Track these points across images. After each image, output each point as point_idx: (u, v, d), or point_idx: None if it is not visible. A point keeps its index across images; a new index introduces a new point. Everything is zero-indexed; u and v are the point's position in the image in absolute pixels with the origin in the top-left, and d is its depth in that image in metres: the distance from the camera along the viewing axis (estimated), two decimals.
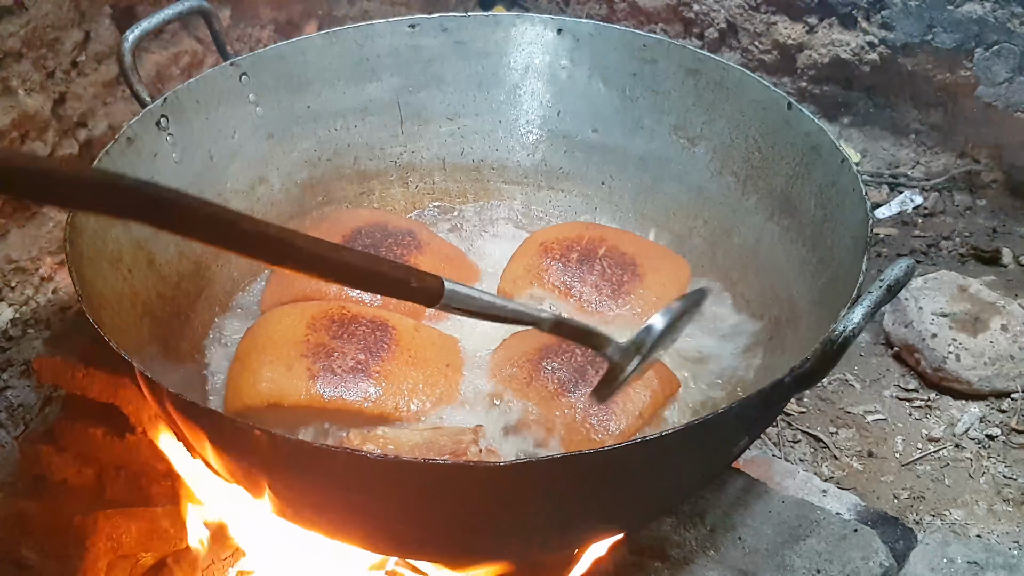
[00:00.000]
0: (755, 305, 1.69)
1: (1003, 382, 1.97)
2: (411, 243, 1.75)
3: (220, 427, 1.24)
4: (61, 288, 2.18)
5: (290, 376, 1.48)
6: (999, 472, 1.84)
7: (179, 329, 1.59)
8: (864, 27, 2.52)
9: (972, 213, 2.53)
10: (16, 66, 1.96)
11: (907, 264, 1.22)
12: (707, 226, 1.82)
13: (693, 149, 1.83)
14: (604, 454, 1.15)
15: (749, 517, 1.49)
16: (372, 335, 1.54)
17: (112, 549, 1.57)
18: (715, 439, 1.27)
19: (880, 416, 1.97)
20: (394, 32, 1.90)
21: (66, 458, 1.75)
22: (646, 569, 1.43)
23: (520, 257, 1.77)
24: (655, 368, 1.56)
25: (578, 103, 1.93)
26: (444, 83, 1.94)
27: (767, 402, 1.25)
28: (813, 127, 1.62)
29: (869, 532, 1.48)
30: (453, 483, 1.17)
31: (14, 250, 2.09)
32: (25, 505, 1.70)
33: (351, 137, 1.93)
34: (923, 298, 2.05)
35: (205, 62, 2.35)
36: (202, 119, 1.71)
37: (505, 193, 1.99)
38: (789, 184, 1.66)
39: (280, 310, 1.63)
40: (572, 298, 1.69)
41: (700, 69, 1.80)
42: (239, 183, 1.79)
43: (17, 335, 2.11)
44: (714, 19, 2.74)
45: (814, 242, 1.58)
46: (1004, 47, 2.36)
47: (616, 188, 1.93)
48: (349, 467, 1.15)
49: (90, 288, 1.36)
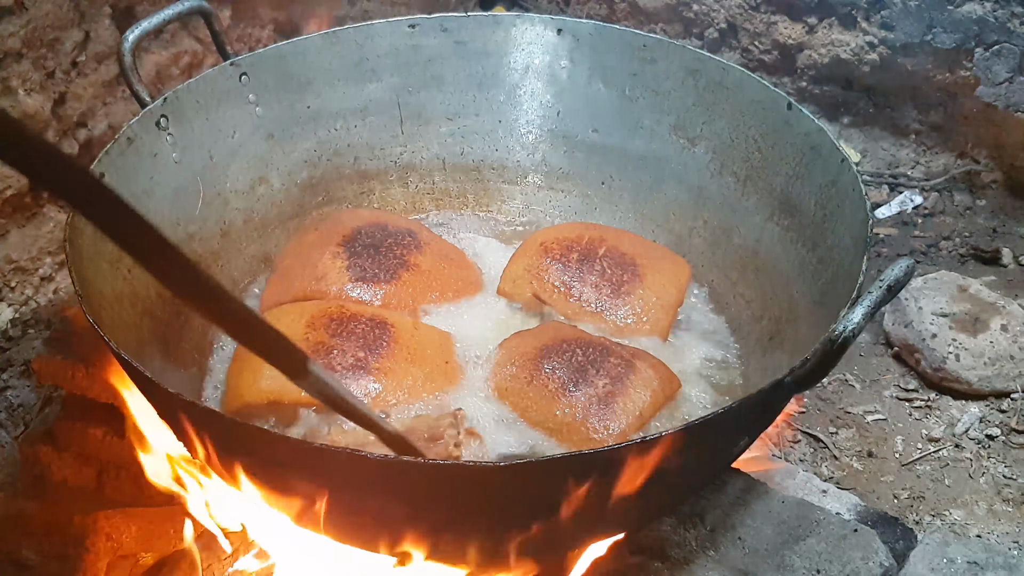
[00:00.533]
0: (755, 305, 1.69)
1: (1003, 382, 1.97)
2: (411, 243, 1.75)
3: (219, 427, 1.24)
4: (61, 288, 2.18)
5: None
6: (999, 472, 1.84)
7: (179, 329, 1.59)
8: (864, 27, 2.52)
9: (972, 213, 2.53)
10: (16, 66, 1.96)
11: (907, 264, 1.22)
12: (707, 226, 1.82)
13: (693, 149, 1.83)
14: (604, 454, 1.15)
15: (749, 517, 1.49)
16: (371, 333, 1.54)
17: (112, 549, 1.57)
18: (715, 439, 1.27)
19: (880, 416, 1.97)
20: (394, 32, 1.90)
21: (66, 458, 1.75)
22: (646, 569, 1.43)
23: (520, 257, 1.77)
24: (655, 368, 1.56)
25: (578, 103, 1.93)
26: (444, 83, 1.94)
27: (767, 402, 1.25)
28: (813, 127, 1.62)
29: (869, 532, 1.48)
30: (453, 483, 1.17)
31: (14, 250, 2.09)
32: (25, 505, 1.70)
33: (351, 137, 1.93)
34: (923, 298, 2.05)
35: (205, 62, 2.35)
36: (202, 119, 1.71)
37: (505, 193, 1.99)
38: (789, 184, 1.66)
39: (280, 309, 1.63)
40: (572, 298, 1.69)
41: (700, 69, 1.80)
42: (239, 183, 1.79)
43: (17, 335, 2.11)
44: (714, 19, 2.74)
45: (814, 242, 1.58)
46: (1004, 47, 2.36)
47: (616, 188, 1.93)
48: (349, 467, 1.15)
49: (90, 288, 1.36)
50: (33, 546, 1.61)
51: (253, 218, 1.81)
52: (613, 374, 1.51)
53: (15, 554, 1.60)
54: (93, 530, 1.57)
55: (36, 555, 1.61)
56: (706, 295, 1.79)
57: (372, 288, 1.68)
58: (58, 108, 2.09)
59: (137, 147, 1.58)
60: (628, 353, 1.56)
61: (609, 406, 1.48)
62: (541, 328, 1.64)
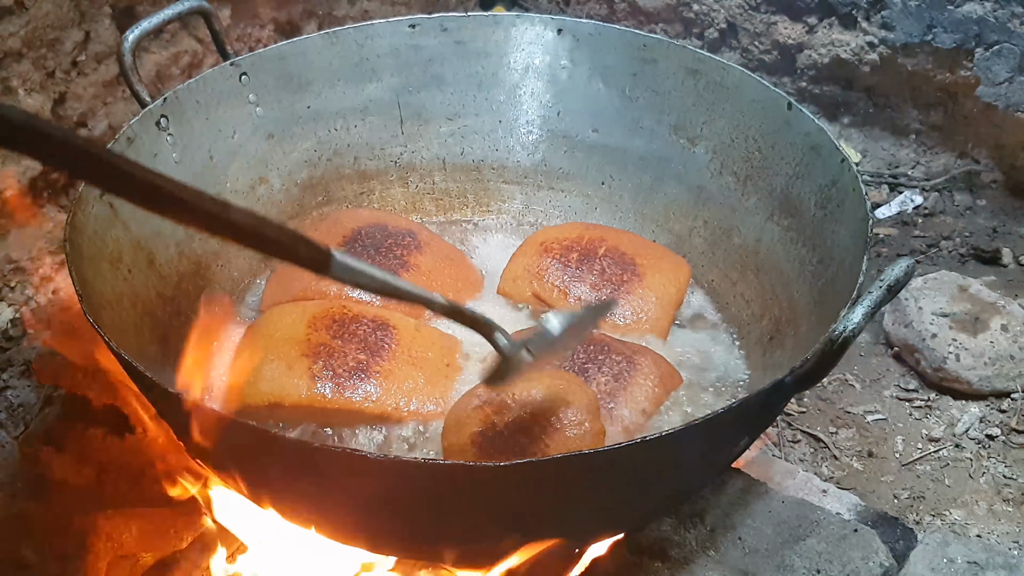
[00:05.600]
0: (755, 305, 1.69)
1: (1003, 382, 1.96)
2: (411, 243, 1.75)
3: (219, 427, 1.24)
4: (61, 288, 2.18)
5: (291, 375, 1.48)
6: (999, 472, 1.84)
7: (179, 329, 1.59)
8: (864, 27, 2.52)
9: (972, 213, 2.53)
10: (16, 66, 1.96)
11: (907, 264, 1.22)
12: (707, 226, 1.82)
13: (693, 149, 1.83)
14: (604, 454, 1.15)
15: (749, 517, 1.49)
16: (373, 335, 1.54)
17: (112, 549, 1.57)
18: (715, 439, 1.27)
19: (880, 416, 1.97)
20: (394, 32, 1.90)
21: (66, 458, 1.75)
22: (646, 569, 1.43)
23: (520, 257, 1.77)
24: (657, 364, 1.56)
25: (578, 103, 1.93)
26: (444, 83, 1.94)
27: (767, 402, 1.25)
28: (813, 127, 1.62)
29: (869, 532, 1.48)
30: (453, 483, 1.17)
31: (14, 250, 2.09)
32: (25, 505, 1.69)
33: (351, 137, 1.93)
34: (923, 298, 2.05)
35: (205, 62, 2.35)
36: (202, 119, 1.71)
37: (505, 193, 1.99)
38: (789, 184, 1.66)
39: (280, 308, 1.63)
40: (572, 298, 1.69)
41: (700, 69, 1.80)
42: (239, 183, 1.79)
43: (17, 335, 2.11)
44: (714, 19, 2.74)
45: (814, 242, 1.58)
46: (1004, 47, 2.36)
47: (616, 188, 1.93)
48: (349, 467, 1.15)
49: (90, 288, 1.36)
50: (33, 546, 1.61)
51: None
52: (615, 371, 1.51)
53: (15, 554, 1.60)
54: (93, 530, 1.57)
55: (36, 555, 1.60)
56: (706, 295, 1.79)
57: None
58: (58, 108, 2.09)
59: (137, 147, 1.58)
60: (629, 350, 1.56)
61: (611, 403, 1.48)
62: None
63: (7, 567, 1.59)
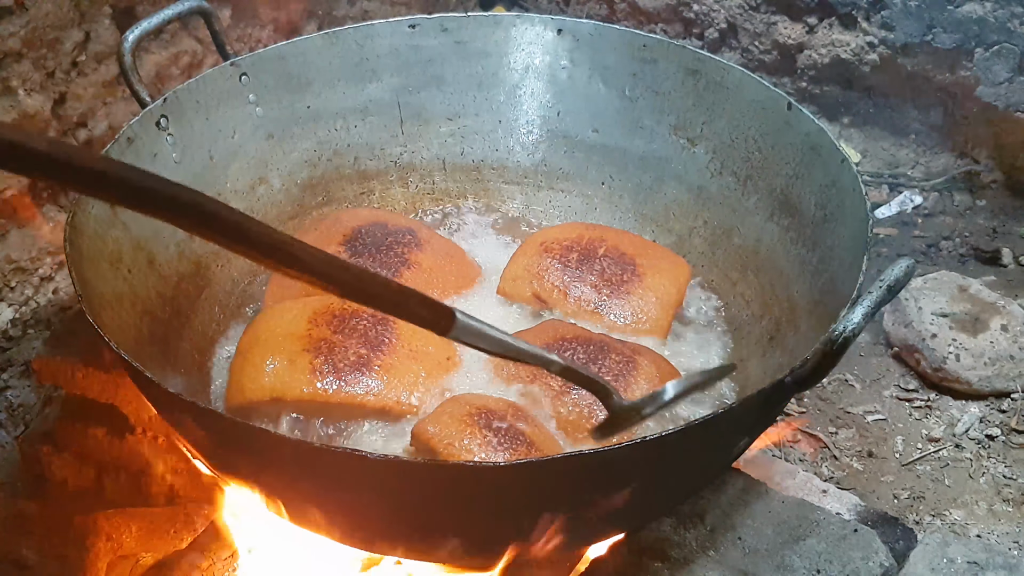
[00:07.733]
0: (755, 305, 1.69)
1: (1003, 382, 1.96)
2: (411, 241, 1.75)
3: (219, 427, 1.24)
4: (61, 288, 2.18)
5: (292, 370, 1.48)
6: (999, 472, 1.84)
7: (179, 329, 1.59)
8: (864, 27, 2.52)
9: (972, 213, 2.53)
10: (16, 66, 1.96)
11: (907, 264, 1.22)
12: (707, 226, 1.82)
13: (693, 149, 1.83)
14: (604, 454, 1.15)
15: (749, 517, 1.49)
16: (373, 329, 1.55)
17: (112, 549, 1.57)
18: (715, 439, 1.27)
19: (880, 416, 1.97)
20: (394, 32, 1.90)
21: (66, 458, 1.75)
22: (646, 569, 1.43)
23: (520, 257, 1.77)
24: (657, 363, 1.56)
25: (578, 103, 1.93)
26: (444, 83, 1.94)
27: (767, 402, 1.25)
28: (813, 127, 1.62)
29: (869, 532, 1.48)
30: (453, 483, 1.17)
31: (14, 250, 2.09)
32: (25, 505, 1.69)
33: (351, 137, 1.93)
34: (923, 298, 2.05)
35: (205, 62, 2.34)
36: (202, 119, 1.71)
37: (505, 193, 2.00)
38: (789, 184, 1.66)
39: (282, 305, 1.63)
40: (572, 298, 1.69)
41: (700, 69, 1.80)
42: (239, 183, 1.79)
43: (17, 335, 2.10)
44: (714, 19, 2.74)
45: (814, 242, 1.58)
46: (1004, 47, 2.36)
47: (616, 188, 1.93)
48: (349, 467, 1.15)
49: (90, 288, 1.36)
50: (33, 546, 1.61)
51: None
52: (615, 371, 1.51)
53: (15, 554, 1.60)
54: (93, 530, 1.57)
55: (36, 555, 1.61)
56: (706, 295, 1.79)
57: None
58: (58, 108, 2.09)
59: (137, 147, 1.58)
60: (629, 350, 1.56)
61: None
62: (541, 327, 1.64)
63: (7, 567, 1.59)
